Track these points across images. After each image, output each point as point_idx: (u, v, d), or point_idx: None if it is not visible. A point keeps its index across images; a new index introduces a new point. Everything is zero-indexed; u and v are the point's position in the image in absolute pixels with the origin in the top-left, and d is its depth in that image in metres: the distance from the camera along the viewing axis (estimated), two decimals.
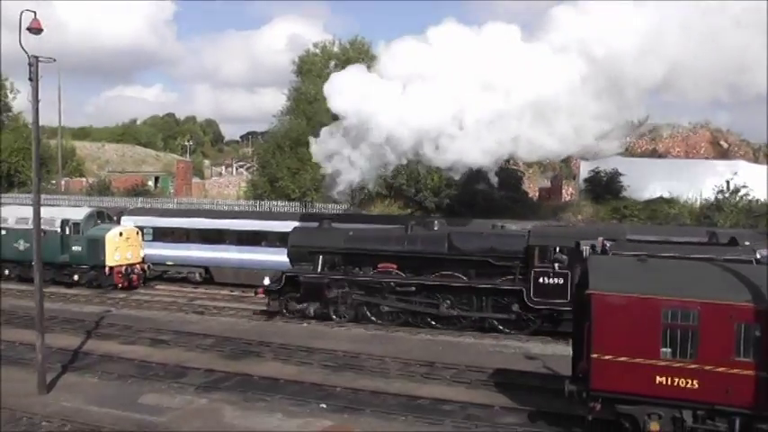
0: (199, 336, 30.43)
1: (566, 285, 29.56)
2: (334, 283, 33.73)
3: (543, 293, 30.17)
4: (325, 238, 34.83)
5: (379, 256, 33.54)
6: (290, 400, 22.01)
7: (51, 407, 21.74)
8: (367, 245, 33.92)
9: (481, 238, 32.72)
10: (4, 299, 39.51)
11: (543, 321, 30.77)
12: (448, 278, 32.26)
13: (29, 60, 22.08)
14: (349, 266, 34.10)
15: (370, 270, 33.77)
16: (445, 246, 32.44)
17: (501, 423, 19.99)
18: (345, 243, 34.16)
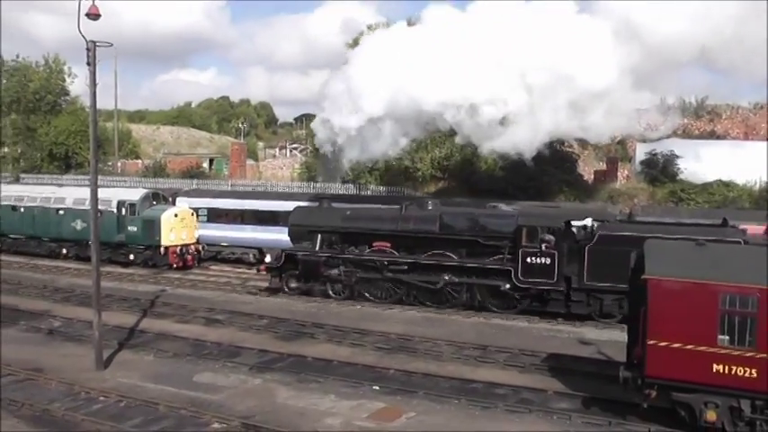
0: (253, 316, 30.65)
1: (552, 265, 30.17)
2: (330, 261, 34.65)
3: (531, 273, 30.61)
4: (324, 217, 35.77)
5: (373, 235, 34.32)
6: (342, 381, 22.06)
7: (108, 382, 22.08)
8: (362, 224, 34.77)
9: (471, 218, 33.30)
10: (63, 277, 40.41)
11: (532, 301, 31.23)
12: (439, 257, 32.80)
13: (87, 45, 22.34)
14: (345, 245, 34.99)
15: (366, 249, 34.49)
16: (437, 225, 33.03)
17: (554, 408, 19.83)
18: (342, 222, 35.08)
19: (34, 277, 40.46)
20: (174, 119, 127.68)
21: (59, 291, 36.47)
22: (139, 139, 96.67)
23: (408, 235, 33.54)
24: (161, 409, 19.61)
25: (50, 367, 23.62)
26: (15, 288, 37.24)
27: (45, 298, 35.13)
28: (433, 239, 33.03)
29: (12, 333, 28.61)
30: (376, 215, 35.36)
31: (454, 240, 32.71)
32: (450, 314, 31.28)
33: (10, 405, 20.25)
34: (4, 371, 23.19)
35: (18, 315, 31.18)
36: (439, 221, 33.08)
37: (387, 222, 34.29)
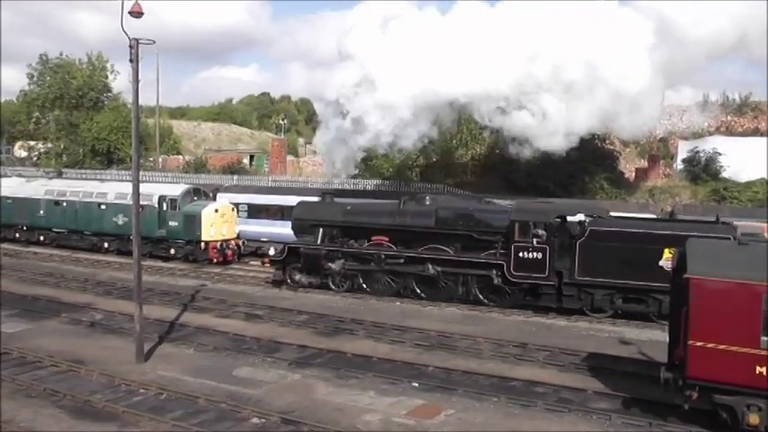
0: (292, 312, 30.73)
1: (544, 260, 30.59)
2: (330, 255, 35.41)
3: (523, 267, 31.02)
4: (325, 211, 36.66)
5: (372, 229, 35.15)
6: (382, 378, 22.04)
7: (148, 375, 22.28)
8: (362, 218, 35.67)
9: (466, 213, 33.83)
10: (104, 271, 40.80)
11: (525, 295, 31.61)
12: (434, 251, 33.38)
13: (130, 43, 22.53)
14: (346, 239, 35.88)
15: (365, 242, 35.36)
16: (432, 220, 33.73)
17: (594, 408, 19.65)
18: (343, 216, 35.98)
19: (76, 271, 40.91)
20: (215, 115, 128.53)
21: (101, 284, 36.84)
22: (181, 135, 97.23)
23: (405, 229, 34.34)
24: (201, 403, 19.74)
25: (91, 359, 23.86)
26: (58, 281, 37.73)
27: (87, 291, 35.52)
28: (428, 234, 33.72)
29: (54, 325, 28.99)
30: (375, 210, 36.12)
31: (449, 235, 33.32)
32: (490, 312, 31.09)
33: (52, 396, 20.50)
34: (47, 362, 23.51)
35: (60, 308, 31.59)
36: (435, 216, 33.77)
37: (385, 217, 35.08)
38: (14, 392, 20.94)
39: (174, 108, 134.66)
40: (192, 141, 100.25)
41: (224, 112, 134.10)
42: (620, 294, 29.79)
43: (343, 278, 35.47)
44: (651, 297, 29.17)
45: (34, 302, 32.68)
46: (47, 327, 28.69)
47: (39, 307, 31.80)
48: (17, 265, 42.83)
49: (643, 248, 28.38)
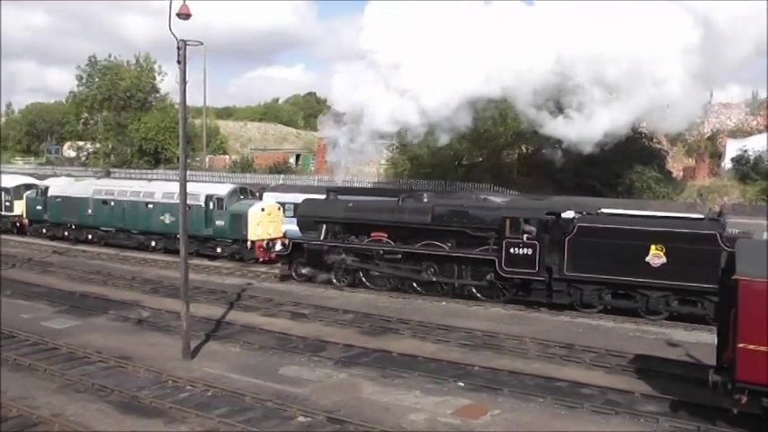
0: (338, 311, 30.75)
1: (534, 256, 31.07)
2: (332, 250, 36.34)
3: (514, 263, 31.49)
4: (328, 208, 37.57)
5: (372, 225, 35.97)
6: (427, 377, 21.97)
7: (195, 372, 22.40)
8: (362, 215, 36.48)
9: (460, 210, 34.46)
10: (151, 269, 41.19)
11: (518, 290, 32.12)
12: (430, 247, 34.16)
13: (177, 44, 22.74)
14: (347, 235, 36.77)
15: (366, 238, 36.23)
16: (429, 217, 34.39)
17: (641, 411, 19.40)
18: (345, 213, 36.88)
19: (123, 269, 41.32)
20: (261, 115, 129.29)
21: (148, 282, 37.16)
22: (227, 134, 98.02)
23: (403, 226, 35.08)
24: (247, 401, 19.79)
25: (139, 356, 24.09)
26: (105, 279, 38.14)
27: (134, 289, 35.86)
28: (425, 230, 34.42)
29: (101, 322, 29.34)
30: (375, 207, 36.95)
31: (444, 231, 33.92)
32: (536, 312, 30.88)
33: (100, 391, 20.72)
34: (95, 357, 23.80)
35: (108, 305, 31.95)
36: (431, 213, 34.42)
37: (384, 213, 35.87)
38: (64, 387, 21.22)
39: (220, 108, 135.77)
40: (238, 141, 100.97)
41: (270, 112, 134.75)
42: (609, 290, 30.22)
43: (344, 273, 36.25)
44: (639, 293, 29.55)
45: (82, 299, 33.12)
46: (95, 323, 29.04)
47: (87, 304, 32.18)
48: (66, 262, 43.42)
49: (630, 245, 29.06)
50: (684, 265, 28.10)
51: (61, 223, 52.15)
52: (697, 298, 28.64)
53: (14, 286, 36.00)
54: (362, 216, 36.42)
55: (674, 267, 28.35)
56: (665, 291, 29.05)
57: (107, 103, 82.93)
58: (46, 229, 53.34)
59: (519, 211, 32.45)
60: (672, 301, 29.28)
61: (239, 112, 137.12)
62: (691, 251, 27.88)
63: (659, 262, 28.62)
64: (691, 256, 27.83)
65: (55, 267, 41.74)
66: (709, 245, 27.22)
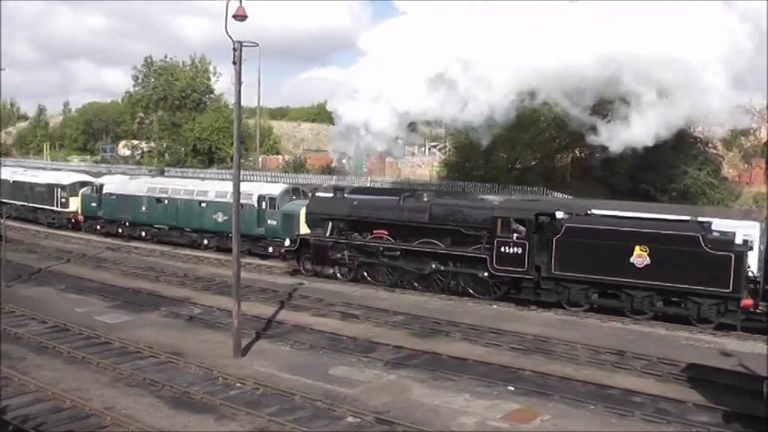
0: (388, 312, 30.71)
1: (523, 255, 31.94)
2: (336, 246, 37.81)
3: (504, 261, 32.45)
4: (334, 206, 38.93)
5: (374, 223, 37.25)
6: (477, 380, 21.85)
7: (245, 370, 22.56)
8: (365, 213, 37.72)
9: (456, 209, 35.52)
10: (203, 267, 41.54)
11: (509, 288, 33.07)
12: (427, 245, 35.29)
13: (233, 46, 22.97)
14: (351, 232, 38.05)
15: (368, 235, 37.42)
16: (426, 216, 35.50)
17: (693, 421, 19.08)
18: (349, 211, 38.19)
19: (176, 266, 41.68)
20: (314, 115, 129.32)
21: (200, 279, 37.49)
22: (280, 135, 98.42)
23: (403, 224, 36.21)
24: (296, 400, 19.86)
25: (190, 352, 24.33)
26: (158, 275, 38.57)
27: (186, 286, 36.20)
28: (423, 228, 35.52)
29: (153, 318, 29.69)
30: (377, 205, 37.98)
31: (441, 230, 34.94)
32: (587, 317, 30.55)
33: (151, 386, 20.95)
34: (147, 353, 24.10)
35: (160, 301, 32.35)
36: (429, 212, 35.51)
37: (385, 212, 37.06)
38: (116, 381, 21.53)
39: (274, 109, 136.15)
40: (291, 141, 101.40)
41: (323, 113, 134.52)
42: (595, 289, 31.00)
43: (348, 268, 37.67)
44: (624, 293, 30.21)
45: (135, 295, 33.52)
46: (147, 319, 29.37)
47: (139, 300, 32.58)
48: (119, 258, 43.93)
49: (614, 245, 29.91)
50: (668, 265, 28.86)
51: (115, 220, 52.79)
52: (680, 299, 29.26)
53: (69, 281, 36.62)
54: (365, 214, 37.67)
55: (657, 268, 29.07)
56: (648, 291, 29.71)
57: (162, 103, 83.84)
58: (100, 226, 54.02)
59: (509, 211, 33.34)
60: (656, 302, 29.90)
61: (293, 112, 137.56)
62: (674, 252, 28.71)
63: (643, 262, 29.32)
64: (674, 258, 28.65)
65: (108, 263, 42.24)
66: (692, 246, 28.33)
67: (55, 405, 19.45)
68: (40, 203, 59.71)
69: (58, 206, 57.61)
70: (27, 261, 41.98)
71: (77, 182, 58.28)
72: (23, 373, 21.93)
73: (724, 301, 28.42)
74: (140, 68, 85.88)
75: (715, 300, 28.54)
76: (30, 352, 24.51)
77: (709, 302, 28.63)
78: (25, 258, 42.94)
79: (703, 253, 28.17)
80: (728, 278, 27.88)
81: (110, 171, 73.90)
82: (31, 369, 22.51)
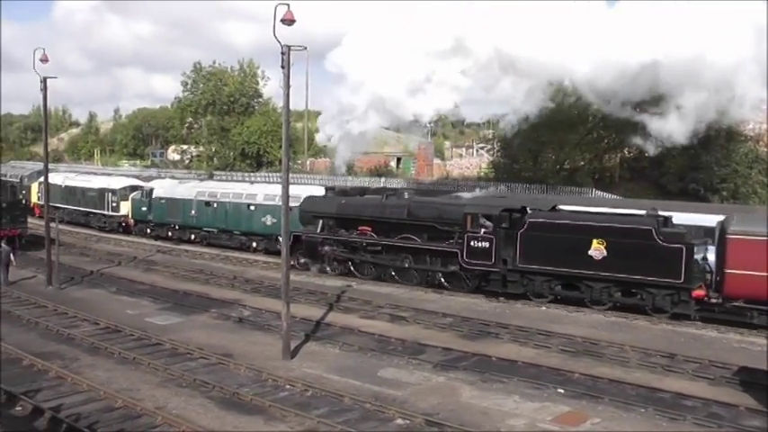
0: (437, 314, 30.63)
1: (491, 249, 33.63)
2: (325, 242, 40.12)
3: (474, 255, 34.21)
4: (324, 205, 41.16)
5: (359, 220, 39.29)
6: (527, 382, 21.76)
7: (294, 372, 22.65)
8: (351, 211, 39.91)
9: (432, 206, 37.76)
10: (252, 269, 41.80)
11: (480, 281, 34.76)
12: (407, 240, 37.33)
13: (281, 50, 23.07)
14: (339, 229, 40.26)
15: (354, 232, 39.44)
16: (405, 213, 37.55)
17: (746, 426, 18.79)
18: (337, 209, 40.36)
19: (225, 268, 41.98)
20: None
21: (249, 282, 37.70)
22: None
23: (384, 220, 38.16)
24: (346, 402, 19.90)
25: (239, 353, 24.50)
26: (207, 278, 38.87)
27: (235, 288, 36.42)
28: (402, 225, 37.54)
29: (203, 319, 29.95)
30: (362, 203, 40.35)
31: (418, 225, 36.84)
32: (637, 320, 30.22)
33: (201, 387, 21.13)
34: (197, 354, 24.34)
35: (209, 303, 32.58)
36: (407, 209, 37.53)
37: (369, 209, 39.19)
38: (167, 381, 21.74)
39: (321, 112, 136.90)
40: None
41: None
42: (558, 281, 32.61)
43: (336, 262, 39.91)
44: (584, 284, 31.73)
45: (185, 297, 33.84)
46: (197, 321, 29.63)
47: (189, 302, 32.88)
48: (169, 261, 44.37)
49: (574, 239, 31.52)
50: (623, 258, 30.29)
51: (165, 223, 53.29)
52: (637, 289, 30.65)
53: (120, 283, 37.10)
54: (351, 212, 39.86)
55: (613, 260, 30.51)
56: (606, 282, 31.12)
57: (211, 107, 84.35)
58: (150, 229, 54.60)
59: (478, 207, 35.46)
60: (614, 293, 31.26)
61: None
62: (629, 245, 30.19)
63: (600, 255, 30.82)
64: (629, 250, 30.08)
65: (159, 266, 42.69)
66: (646, 239, 29.77)
67: (107, 404, 19.70)
68: (92, 208, 60.52)
69: (109, 210, 58.32)
70: (79, 264, 42.59)
71: (128, 186, 58.97)
72: (76, 372, 22.29)
73: (677, 291, 29.72)
74: (189, 74, 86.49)
75: (669, 290, 29.85)
76: (82, 352, 24.89)
77: (664, 293, 29.97)
78: (78, 261, 43.59)
79: (656, 245, 29.63)
80: (680, 269, 29.22)
81: (159, 175, 74.59)
82: (84, 369, 22.86)
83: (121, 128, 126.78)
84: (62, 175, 68.76)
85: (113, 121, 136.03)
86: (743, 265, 27.42)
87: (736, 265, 27.69)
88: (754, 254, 27.14)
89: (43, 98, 36.84)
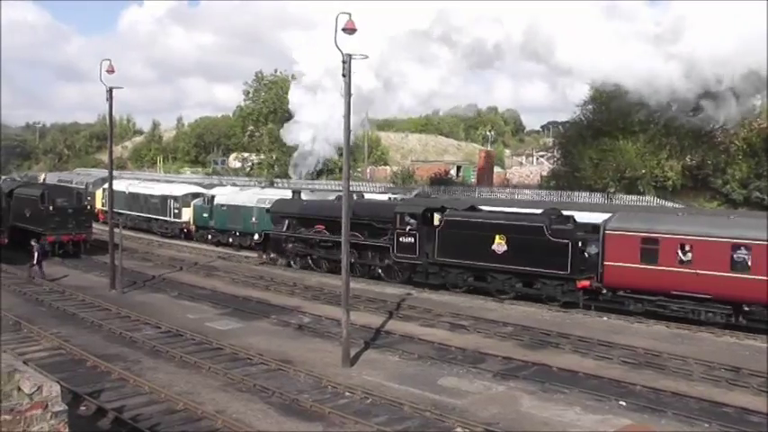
0: (497, 323, 30.51)
1: (415, 244, 37.76)
2: (288, 239, 44.94)
3: (402, 250, 38.44)
4: (289, 206, 46.26)
5: (316, 219, 43.62)
6: (588, 394, 21.49)
7: (354, 379, 22.66)
8: (309, 212, 44.76)
9: (371, 206, 42.99)
10: (312, 276, 41.70)
11: (410, 273, 38.91)
12: (352, 237, 36.95)
13: (343, 58, 23.21)
14: (300, 228, 44.66)
15: (312, 230, 43.83)
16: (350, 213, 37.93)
17: None
18: (298, 210, 45.40)
19: (285, 275, 42.25)
20: (421, 127, 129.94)
21: (309, 289, 37.93)
22: (388, 146, 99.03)
23: (334, 220, 39.14)
24: (405, 410, 19.85)
25: (299, 360, 24.57)
26: (267, 284, 39.26)
27: (294, 295, 36.71)
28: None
29: (263, 325, 30.14)
30: (318, 205, 45.51)
31: (361, 224, 39.67)
32: (701, 332, 29.71)
33: (261, 392, 21.25)
34: (257, 359, 24.48)
35: (269, 309, 32.84)
36: (352, 210, 37.73)
37: (324, 210, 43.39)
38: (227, 385, 21.90)
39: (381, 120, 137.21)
40: (399, 152, 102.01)
41: (431, 124, 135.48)
42: (470, 273, 36.54)
43: (298, 257, 44.85)
44: (490, 275, 35.59)
45: (245, 303, 34.14)
46: (257, 326, 29.81)
47: (249, 307, 33.12)
48: (229, 267, 44.78)
49: (480, 235, 35.33)
50: (521, 252, 33.57)
51: (226, 230, 53.70)
52: (533, 280, 34.08)
53: (181, 288, 37.53)
54: (309, 212, 44.55)
55: (513, 254, 33.63)
56: (508, 274, 34.44)
57: (272, 116, 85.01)
58: (211, 236, 55.01)
59: (405, 207, 40.61)
60: (515, 283, 34.82)
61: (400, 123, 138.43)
62: (524, 240, 33.20)
63: (502, 249, 34.36)
64: (525, 245, 33.06)
65: (219, 271, 43.10)
66: (538, 235, 33.15)
67: (168, 407, 19.93)
68: (154, 214, 61.27)
69: (171, 216, 58.99)
70: (142, 269, 43.19)
71: (189, 193, 59.70)
72: (138, 375, 22.60)
73: (566, 281, 33.12)
74: (251, 83, 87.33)
75: (558, 281, 33.33)
76: (144, 355, 25.22)
77: (554, 283, 33.48)
78: (140, 266, 44.19)
79: (546, 240, 33.01)
80: (567, 262, 32.70)
81: (221, 183, 75.24)
82: (146, 371, 23.17)
83: (184, 136, 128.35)
84: (126, 181, 69.70)
85: (176, 129, 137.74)
86: (619, 258, 31.15)
87: (613, 258, 31.37)
88: (627, 248, 30.98)
89: (109, 107, 37.60)
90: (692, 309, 30.04)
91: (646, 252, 30.66)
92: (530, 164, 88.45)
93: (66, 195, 49.52)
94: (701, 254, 29.53)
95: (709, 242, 29.37)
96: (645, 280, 30.69)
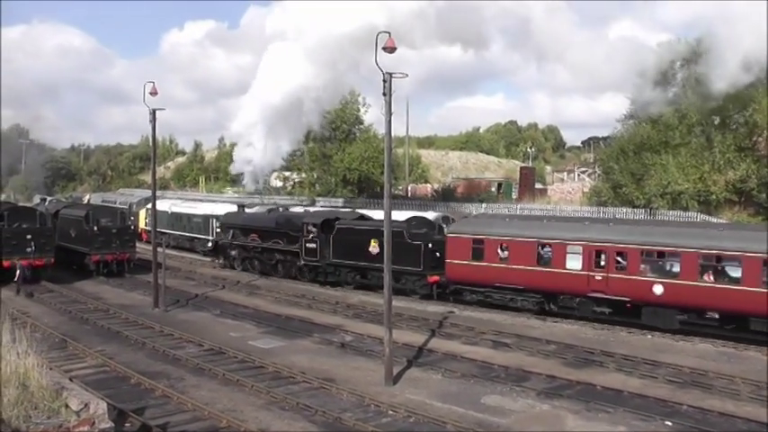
0: (540, 341, 30.34)
1: (316, 248, 44.66)
2: (230, 246, 52.48)
3: (307, 254, 45.34)
4: (234, 218, 53.20)
5: (251, 229, 50.83)
6: (633, 413, 21.29)
7: (397, 398, 22.60)
8: (247, 223, 51.83)
9: (288, 217, 49.10)
10: (354, 295, 41.84)
11: (315, 274, 45.53)
12: (275, 244, 48.62)
13: (383, 77, 23.29)
14: (241, 236, 51.64)
15: (248, 239, 50.72)
16: (273, 223, 49.23)
17: None
18: (240, 221, 52.40)
19: (327, 294, 42.36)
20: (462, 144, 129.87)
21: (350, 307, 38.02)
22: (428, 163, 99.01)
23: (264, 229, 49.49)
24: (449, 429, 19.80)
25: (342, 378, 24.58)
26: (310, 303, 39.38)
27: (337, 313, 36.80)
28: (272, 232, 48.94)
29: (306, 344, 30.17)
30: (254, 217, 52.44)
31: (281, 233, 47.79)
32: (747, 350, 29.25)
33: (304, 410, 21.27)
34: (300, 378, 24.55)
35: (312, 328, 32.92)
36: (275, 221, 49.29)
37: (258, 221, 51.15)
38: (270, 404, 21.98)
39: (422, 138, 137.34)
40: (439, 170, 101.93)
41: (471, 141, 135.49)
42: (356, 272, 43.46)
43: (239, 261, 51.73)
44: (369, 273, 41.99)
45: (288, 322, 34.26)
46: (299, 345, 29.87)
47: (292, 326, 33.24)
48: (272, 286, 44.94)
49: (361, 239, 42.39)
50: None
51: None
52: (399, 276, 38.74)
53: (224, 306, 37.76)
54: (248, 223, 51.52)
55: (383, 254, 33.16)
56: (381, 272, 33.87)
57: (313, 134, 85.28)
58: None
59: (308, 218, 46.93)
60: None
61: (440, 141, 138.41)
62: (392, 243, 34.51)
63: (376, 251, 40.03)
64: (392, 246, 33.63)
65: (262, 290, 43.34)
66: (400, 238, 37.80)
67: (211, 424, 20.05)
68: (197, 233, 61.67)
69: (214, 236, 59.29)
70: (185, 287, 43.57)
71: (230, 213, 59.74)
72: (182, 392, 22.75)
73: (420, 277, 39.72)
74: None
75: (415, 276, 39.88)
76: (187, 373, 25.39)
77: (413, 278, 40.05)
78: (183, 285, 44.60)
79: (406, 243, 38.95)
80: (420, 260, 39.28)
81: (262, 202, 75.55)
82: (189, 389, 23.33)
83: (226, 156, 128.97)
84: (168, 201, 70.28)
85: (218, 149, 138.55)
86: (457, 257, 37.44)
87: (453, 257, 37.66)
88: (463, 248, 37.24)
89: (152, 129, 38.06)
90: (511, 297, 36.19)
91: (475, 251, 36.93)
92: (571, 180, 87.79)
93: (109, 215, 50.11)
94: (515, 252, 35.75)
95: (520, 242, 35.64)
96: (476, 274, 36.97)
